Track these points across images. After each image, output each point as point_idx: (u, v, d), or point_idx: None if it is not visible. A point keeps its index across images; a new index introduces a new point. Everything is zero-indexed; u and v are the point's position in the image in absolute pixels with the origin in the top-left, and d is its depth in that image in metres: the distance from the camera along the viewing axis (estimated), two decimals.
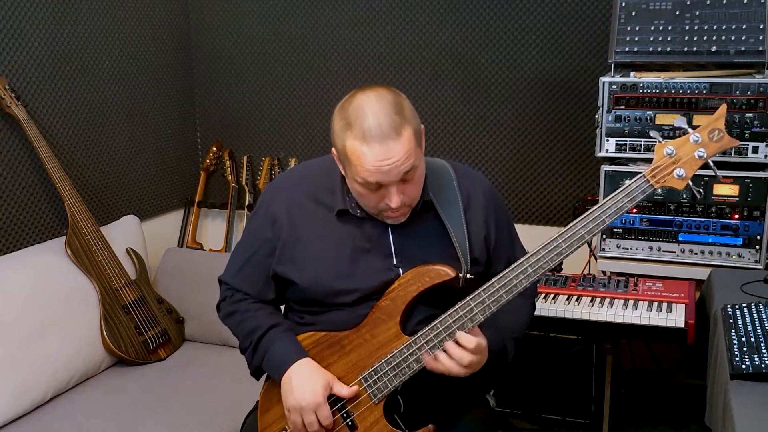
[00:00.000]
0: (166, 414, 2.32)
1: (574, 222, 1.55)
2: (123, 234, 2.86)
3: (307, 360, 1.68)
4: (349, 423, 1.66)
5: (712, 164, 1.58)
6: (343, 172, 1.64)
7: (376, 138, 1.49)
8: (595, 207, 1.55)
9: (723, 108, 1.55)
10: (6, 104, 2.54)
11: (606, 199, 1.56)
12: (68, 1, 2.85)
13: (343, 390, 1.65)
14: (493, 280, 1.56)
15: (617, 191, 1.56)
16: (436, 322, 1.59)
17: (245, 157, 3.53)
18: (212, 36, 3.53)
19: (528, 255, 1.56)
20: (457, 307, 1.58)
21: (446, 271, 1.62)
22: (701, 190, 1.57)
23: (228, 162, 3.52)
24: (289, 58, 3.42)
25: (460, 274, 1.63)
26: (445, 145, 3.24)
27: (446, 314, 1.59)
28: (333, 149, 1.62)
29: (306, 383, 1.64)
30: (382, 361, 1.63)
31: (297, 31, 3.38)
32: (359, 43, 3.29)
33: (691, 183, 1.57)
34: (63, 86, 2.84)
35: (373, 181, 1.52)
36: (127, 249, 2.82)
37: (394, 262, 1.68)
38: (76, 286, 2.56)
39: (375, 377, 1.64)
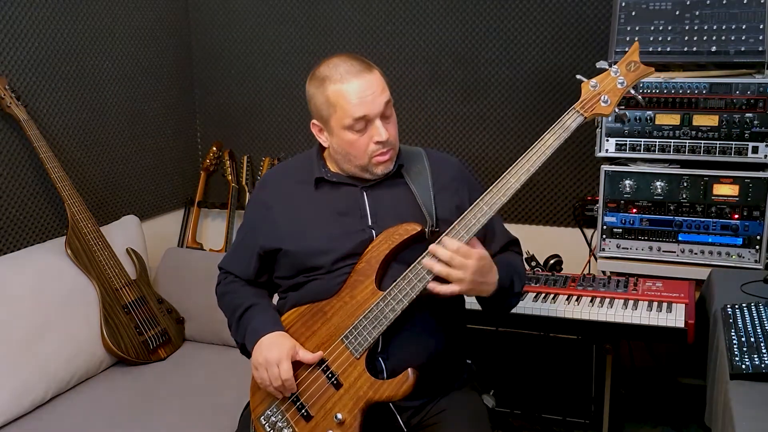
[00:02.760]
0: (166, 414, 2.32)
1: (520, 158, 1.69)
2: (123, 234, 2.86)
3: (280, 331, 1.79)
4: (334, 382, 1.73)
5: (633, 92, 1.76)
6: (326, 140, 1.81)
7: (353, 74, 1.72)
8: (536, 142, 1.70)
9: (636, 44, 1.76)
10: (6, 104, 2.54)
11: (544, 134, 1.70)
12: (68, 1, 2.85)
13: (307, 356, 1.74)
14: (454, 223, 1.68)
15: (553, 126, 1.71)
16: (407, 271, 1.68)
17: (245, 157, 3.53)
18: (212, 36, 3.53)
19: (482, 195, 1.68)
20: (425, 254, 1.67)
21: (413, 226, 1.74)
22: (627, 113, 1.73)
23: (228, 162, 3.52)
24: (289, 58, 3.43)
25: (426, 228, 1.73)
26: (445, 145, 3.24)
27: (415, 262, 1.68)
28: (313, 121, 1.82)
29: (273, 344, 1.76)
30: (361, 317, 1.71)
31: (297, 31, 3.38)
32: (359, 43, 3.29)
33: (617, 110, 1.75)
34: (63, 86, 2.84)
35: (360, 114, 1.70)
36: (127, 249, 2.82)
37: (369, 223, 1.80)
38: (76, 286, 2.56)
39: (355, 333, 1.72)
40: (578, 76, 1.81)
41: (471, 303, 1.96)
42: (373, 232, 1.78)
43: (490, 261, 1.69)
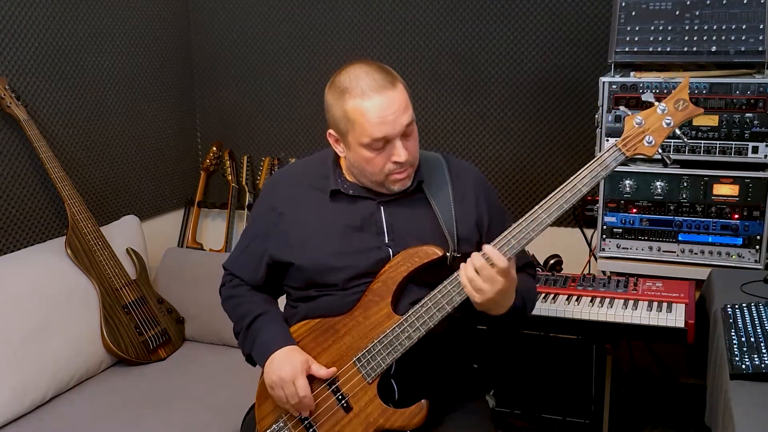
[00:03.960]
0: (166, 414, 2.32)
1: (554, 193, 1.62)
2: (123, 234, 2.86)
3: (290, 346, 1.74)
4: (344, 404, 1.70)
5: (679, 132, 1.67)
6: (342, 150, 1.72)
7: (375, 90, 1.61)
8: (572, 177, 1.62)
9: (686, 80, 1.65)
10: (6, 104, 2.54)
11: (582, 170, 1.63)
12: (68, 1, 2.85)
13: (320, 370, 1.70)
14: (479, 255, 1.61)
15: (592, 161, 1.63)
16: (426, 299, 1.63)
17: (245, 157, 3.53)
18: (212, 36, 3.53)
19: (511, 227, 1.62)
20: (445, 282, 1.63)
21: (434, 251, 1.67)
22: (671, 156, 1.67)
23: (228, 162, 3.52)
24: (289, 58, 3.43)
25: (448, 253, 1.68)
26: (445, 145, 3.24)
27: (435, 290, 1.63)
28: (330, 131, 1.72)
29: (285, 361, 1.70)
30: (375, 341, 1.66)
31: (297, 31, 3.38)
32: (359, 43, 3.29)
33: (660, 150, 1.65)
34: (63, 86, 2.84)
35: (380, 135, 1.61)
36: (127, 249, 2.82)
37: (386, 240, 1.73)
38: (76, 286, 2.56)
39: (368, 357, 1.67)
40: (622, 108, 1.74)
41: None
42: (390, 250, 1.71)
43: (514, 287, 1.62)
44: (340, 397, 1.70)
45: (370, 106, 1.60)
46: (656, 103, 1.65)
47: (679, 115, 1.64)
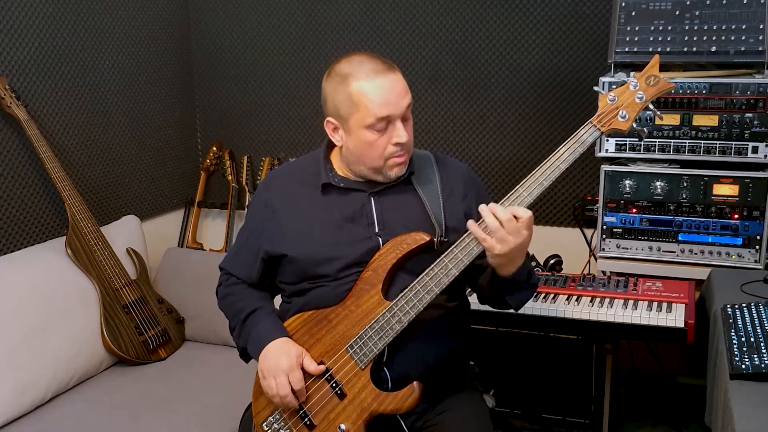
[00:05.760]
0: (166, 414, 2.32)
1: (534, 171, 1.65)
2: (123, 234, 2.86)
3: (285, 338, 1.78)
4: (338, 392, 1.72)
5: (652, 107, 1.72)
6: (341, 139, 1.76)
7: (378, 73, 1.68)
8: (551, 155, 1.66)
9: (656, 57, 1.71)
10: (6, 104, 2.54)
11: (560, 147, 1.67)
12: (68, 1, 2.85)
13: (311, 365, 1.73)
14: (464, 236, 1.65)
15: (569, 139, 1.68)
16: (414, 282, 1.66)
17: (245, 157, 3.53)
18: (212, 36, 3.53)
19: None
20: (432, 265, 1.66)
21: (421, 236, 1.71)
22: (645, 130, 1.70)
23: (228, 162, 3.53)
24: (289, 58, 3.43)
25: (435, 238, 1.72)
26: (445, 145, 3.24)
27: (423, 274, 1.66)
28: (328, 119, 1.76)
29: (281, 352, 1.74)
30: (366, 327, 1.69)
31: (297, 30, 3.39)
32: (359, 43, 3.28)
33: (635, 125, 1.70)
34: (63, 86, 2.84)
35: (384, 114, 1.66)
36: (127, 249, 2.82)
37: (376, 230, 1.77)
38: (76, 286, 2.56)
39: (360, 343, 1.70)
40: (595, 88, 1.77)
41: (474, 304, 1.96)
42: (380, 239, 1.75)
43: (529, 244, 1.64)
44: (333, 384, 1.72)
45: (374, 87, 1.66)
46: (628, 80, 1.70)
47: (651, 90, 1.69)
